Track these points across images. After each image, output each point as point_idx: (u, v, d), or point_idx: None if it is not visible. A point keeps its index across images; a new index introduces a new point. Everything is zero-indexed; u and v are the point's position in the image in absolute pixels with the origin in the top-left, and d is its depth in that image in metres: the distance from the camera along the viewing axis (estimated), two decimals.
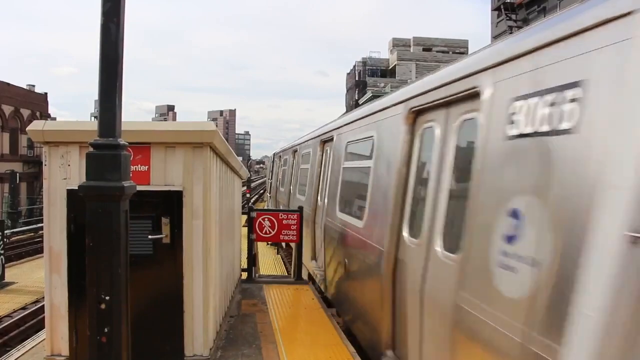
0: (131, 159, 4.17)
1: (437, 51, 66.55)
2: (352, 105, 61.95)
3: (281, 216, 10.61)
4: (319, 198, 10.91)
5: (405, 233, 5.38)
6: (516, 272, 3.11)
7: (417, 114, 5.39)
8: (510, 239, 3.22)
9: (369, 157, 6.93)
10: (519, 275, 3.08)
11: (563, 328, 2.65)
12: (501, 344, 3.20)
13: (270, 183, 25.12)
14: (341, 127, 9.39)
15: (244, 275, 11.01)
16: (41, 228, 9.14)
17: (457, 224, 4.19)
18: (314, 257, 11.06)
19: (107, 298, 3.32)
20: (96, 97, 3.57)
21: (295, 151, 16.14)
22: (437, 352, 4.37)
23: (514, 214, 3.23)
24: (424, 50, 67.39)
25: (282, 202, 17.70)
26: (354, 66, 70.48)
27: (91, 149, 3.50)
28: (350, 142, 8.53)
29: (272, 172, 26.44)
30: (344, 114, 15.39)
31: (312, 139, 13.10)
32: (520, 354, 3.00)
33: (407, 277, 5.14)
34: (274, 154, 27.64)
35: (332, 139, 10.15)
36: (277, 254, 20.03)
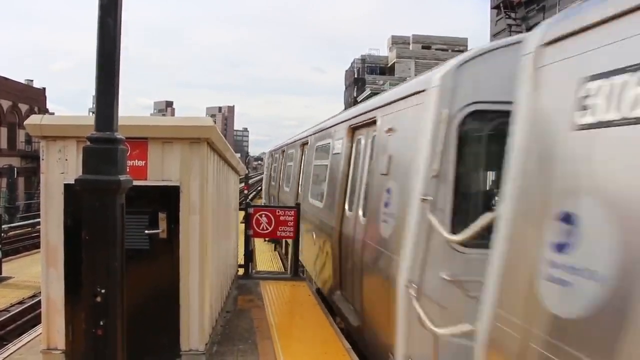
0: (128, 153, 4.19)
1: (437, 49, 66.48)
2: (351, 102, 61.88)
3: (278, 212, 10.64)
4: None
5: None
6: None
7: None
8: None
9: None
10: None
11: None
12: None
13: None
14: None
15: (241, 271, 11.04)
16: (39, 223, 9.11)
17: None
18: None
19: (103, 291, 3.34)
20: (94, 92, 3.58)
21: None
22: None
23: None
24: (423, 48, 67.33)
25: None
26: (353, 63, 70.40)
27: (88, 143, 3.52)
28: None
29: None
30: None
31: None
32: None
33: None
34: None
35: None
36: (274, 250, 20.06)
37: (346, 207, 8.16)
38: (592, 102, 2.58)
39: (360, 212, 7.16)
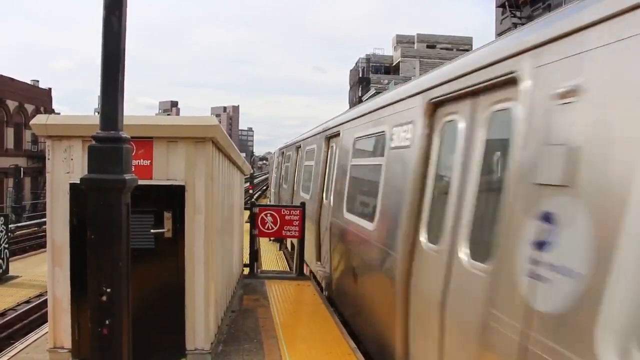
0: (133, 153, 4.18)
1: (441, 48, 66.36)
2: (356, 102, 61.85)
3: (283, 212, 10.62)
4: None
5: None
6: None
7: None
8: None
9: None
10: None
11: None
12: None
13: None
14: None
15: (246, 270, 11.03)
16: (45, 222, 9.15)
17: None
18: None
19: (109, 290, 3.33)
20: (99, 92, 3.57)
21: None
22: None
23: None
24: (427, 47, 67.21)
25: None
26: (357, 62, 70.33)
27: (93, 142, 3.51)
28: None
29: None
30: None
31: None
32: None
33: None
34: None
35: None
36: (279, 249, 20.06)
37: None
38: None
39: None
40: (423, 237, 4.92)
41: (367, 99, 56.34)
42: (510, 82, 3.64)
